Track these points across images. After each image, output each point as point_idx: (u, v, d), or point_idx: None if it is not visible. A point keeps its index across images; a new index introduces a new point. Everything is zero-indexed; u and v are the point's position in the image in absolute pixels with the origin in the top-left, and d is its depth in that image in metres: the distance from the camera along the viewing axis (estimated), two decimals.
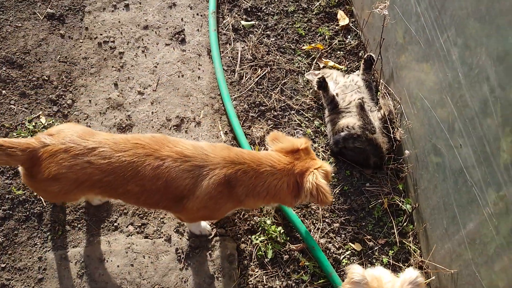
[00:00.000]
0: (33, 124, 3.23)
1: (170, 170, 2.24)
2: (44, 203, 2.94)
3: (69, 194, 2.31)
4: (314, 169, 2.31)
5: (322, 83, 3.20)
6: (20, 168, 2.36)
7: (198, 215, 2.52)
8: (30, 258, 2.79)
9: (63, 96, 3.41)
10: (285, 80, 3.59)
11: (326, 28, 3.87)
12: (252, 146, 3.23)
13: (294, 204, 2.43)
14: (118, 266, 2.77)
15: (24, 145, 2.23)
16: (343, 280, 2.56)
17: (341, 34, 3.84)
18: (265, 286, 2.76)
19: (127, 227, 2.92)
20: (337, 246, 2.91)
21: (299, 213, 3.00)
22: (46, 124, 3.24)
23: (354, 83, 3.33)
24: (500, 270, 2.02)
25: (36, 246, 2.82)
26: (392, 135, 3.08)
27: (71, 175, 2.21)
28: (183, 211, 2.38)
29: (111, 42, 3.70)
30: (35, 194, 2.94)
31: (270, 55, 3.70)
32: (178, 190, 2.27)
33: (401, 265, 2.86)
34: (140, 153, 2.25)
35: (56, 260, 2.77)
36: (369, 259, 2.88)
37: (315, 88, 3.30)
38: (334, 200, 3.06)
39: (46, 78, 3.47)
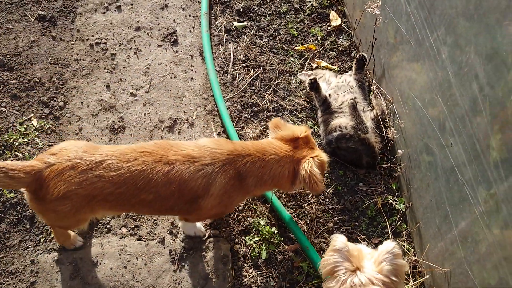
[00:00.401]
0: (25, 126, 3.21)
1: (182, 173, 2.23)
2: None
3: (80, 212, 2.26)
4: (310, 157, 2.39)
5: (314, 84, 3.21)
6: (25, 194, 2.29)
7: (212, 213, 2.55)
8: (22, 261, 2.76)
9: (55, 98, 3.39)
10: (278, 81, 3.59)
11: (319, 28, 3.88)
12: None
13: (291, 189, 2.53)
14: (111, 268, 2.76)
15: (27, 167, 2.15)
16: None
17: (333, 35, 3.85)
18: (259, 287, 2.75)
19: (120, 229, 2.91)
20: None
21: (293, 213, 3.00)
22: (37, 127, 3.22)
23: (346, 84, 3.33)
24: (492, 268, 2.02)
25: (28, 249, 2.80)
26: (384, 134, 3.09)
27: (81, 191, 2.16)
28: (197, 211, 2.39)
29: (103, 43, 3.69)
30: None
31: (263, 56, 3.70)
32: (192, 191, 2.27)
33: None
34: (148, 160, 2.23)
35: (49, 263, 2.75)
36: None
37: (307, 89, 3.31)
38: (325, 188, 3.07)
39: (38, 80, 3.45)
